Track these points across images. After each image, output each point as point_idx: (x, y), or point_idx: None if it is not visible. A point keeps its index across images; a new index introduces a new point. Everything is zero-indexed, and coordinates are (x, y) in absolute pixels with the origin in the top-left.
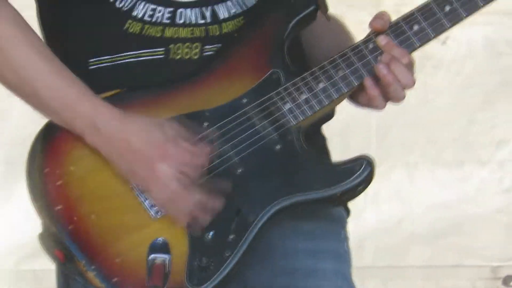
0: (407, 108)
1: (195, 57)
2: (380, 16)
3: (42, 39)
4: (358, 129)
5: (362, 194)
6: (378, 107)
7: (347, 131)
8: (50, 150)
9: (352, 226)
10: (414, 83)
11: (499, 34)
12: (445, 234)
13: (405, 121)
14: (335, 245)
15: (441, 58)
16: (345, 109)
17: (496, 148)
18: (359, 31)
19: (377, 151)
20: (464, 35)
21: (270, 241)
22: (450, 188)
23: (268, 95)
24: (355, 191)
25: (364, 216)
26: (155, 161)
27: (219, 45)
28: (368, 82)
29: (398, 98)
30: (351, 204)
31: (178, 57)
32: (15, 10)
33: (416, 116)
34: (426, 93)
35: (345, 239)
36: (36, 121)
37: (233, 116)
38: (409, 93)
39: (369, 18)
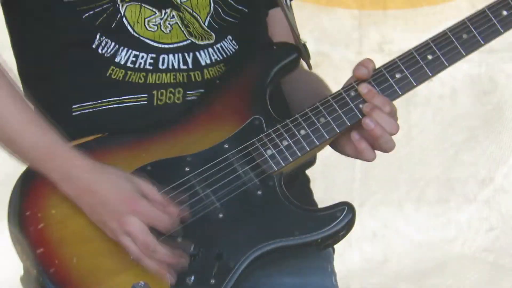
0: None
1: (178, 101)
2: (364, 63)
3: (22, 84)
4: (342, 167)
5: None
6: (368, 158)
7: (331, 169)
8: (31, 193)
9: (338, 265)
10: (397, 130)
11: (482, 72)
12: (431, 273)
13: (389, 159)
14: (322, 280)
15: (425, 95)
16: (328, 146)
17: (481, 186)
18: (343, 68)
19: (361, 190)
20: (448, 73)
21: (257, 277)
22: (435, 227)
23: (250, 141)
24: (337, 237)
25: (349, 255)
26: (123, 214)
27: (202, 90)
28: (355, 136)
29: (388, 148)
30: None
31: (162, 102)
32: None
33: (400, 154)
34: (410, 130)
35: (332, 273)
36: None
37: (214, 161)
38: None
39: (353, 56)
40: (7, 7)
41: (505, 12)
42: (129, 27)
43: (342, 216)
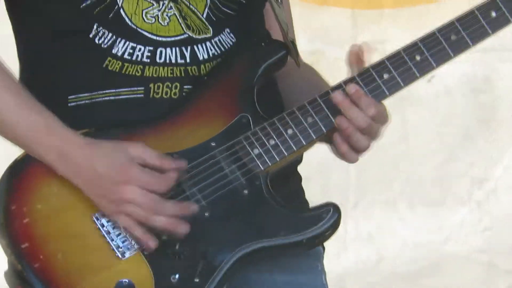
0: (386, 145)
1: (175, 96)
2: (356, 47)
3: (20, 74)
4: (337, 168)
5: (342, 233)
6: (350, 161)
7: (326, 170)
8: (17, 187)
9: (333, 265)
10: (374, 131)
11: (478, 71)
12: (425, 273)
13: (384, 159)
14: (312, 278)
15: (420, 95)
16: (323, 147)
17: (476, 186)
18: (337, 67)
19: (356, 190)
20: (443, 72)
21: (247, 275)
22: (430, 227)
23: (237, 139)
24: (322, 237)
25: (344, 255)
26: (120, 184)
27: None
28: (338, 138)
29: (362, 148)
30: (331, 244)
31: (158, 96)
32: None
33: (396, 153)
34: (405, 130)
35: (322, 272)
36: (3, 158)
37: (201, 159)
38: (388, 130)
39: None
40: None
41: (493, 14)
42: (126, 19)
43: (328, 217)
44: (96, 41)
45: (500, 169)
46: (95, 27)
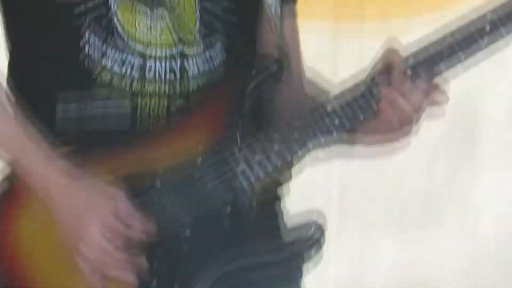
0: (369, 164)
1: (162, 114)
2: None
3: (8, 69)
4: (319, 189)
5: (325, 254)
6: (395, 135)
7: (308, 190)
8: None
9: (315, 285)
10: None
11: (456, 88)
12: None
13: (366, 183)
14: None
15: None
16: (305, 167)
17: (459, 209)
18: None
19: (338, 210)
20: None
21: None
22: (413, 250)
23: (222, 156)
24: (307, 255)
25: (327, 275)
26: (85, 220)
27: (186, 102)
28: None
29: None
30: (312, 266)
31: (145, 113)
32: None
33: (378, 176)
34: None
35: None
36: None
37: (186, 176)
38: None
39: (327, 72)
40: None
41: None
42: (118, 27)
43: (310, 235)
44: (87, 50)
45: (483, 194)
46: (86, 34)
